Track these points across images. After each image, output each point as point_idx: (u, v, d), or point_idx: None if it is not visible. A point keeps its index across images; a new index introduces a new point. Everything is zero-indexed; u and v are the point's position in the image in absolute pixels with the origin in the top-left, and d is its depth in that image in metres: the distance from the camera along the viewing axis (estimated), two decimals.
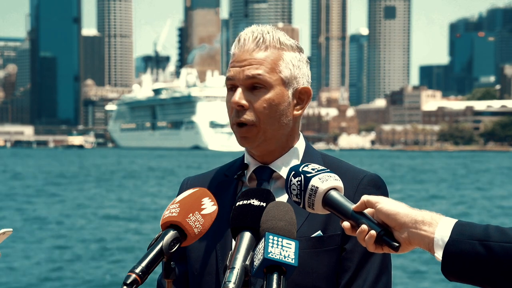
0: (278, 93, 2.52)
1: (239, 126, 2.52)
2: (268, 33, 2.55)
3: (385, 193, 2.55)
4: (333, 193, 2.14)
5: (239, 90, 2.50)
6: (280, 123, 2.54)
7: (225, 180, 2.64)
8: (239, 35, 2.56)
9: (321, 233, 2.48)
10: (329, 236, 2.49)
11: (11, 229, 2.33)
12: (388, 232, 2.08)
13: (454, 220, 2.05)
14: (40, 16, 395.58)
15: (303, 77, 2.58)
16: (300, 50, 2.59)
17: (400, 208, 2.08)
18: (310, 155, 2.62)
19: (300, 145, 2.64)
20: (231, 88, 2.54)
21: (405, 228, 2.06)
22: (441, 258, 2.02)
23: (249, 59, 2.51)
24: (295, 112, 2.57)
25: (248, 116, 2.51)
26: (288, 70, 2.54)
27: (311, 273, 2.45)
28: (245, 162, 2.64)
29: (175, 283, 2.56)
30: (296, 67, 2.56)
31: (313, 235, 2.48)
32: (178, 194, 2.61)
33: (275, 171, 2.58)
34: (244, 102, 2.50)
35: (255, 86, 2.51)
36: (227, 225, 2.49)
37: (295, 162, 2.59)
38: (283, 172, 2.57)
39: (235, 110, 2.52)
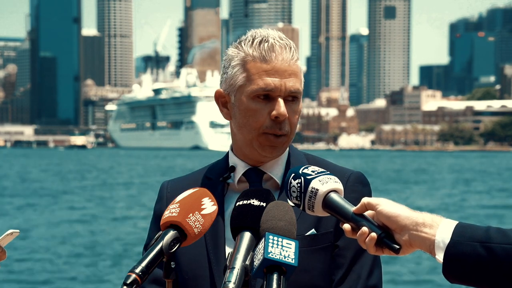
0: (301, 104, 2.54)
1: (275, 137, 2.50)
2: (290, 41, 2.52)
3: (370, 190, 2.58)
4: (333, 195, 2.14)
5: (282, 102, 2.47)
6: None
7: (208, 184, 2.59)
8: (264, 39, 2.49)
9: (315, 231, 2.50)
10: (322, 234, 2.50)
11: (18, 230, 2.34)
12: (388, 234, 2.08)
13: (455, 222, 2.05)
14: (40, 16, 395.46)
15: None
16: None
17: (400, 210, 2.07)
18: (294, 155, 2.63)
19: None
20: (262, 96, 2.49)
21: (406, 230, 2.06)
22: (442, 260, 2.02)
23: (289, 70, 2.47)
24: None
25: (286, 127, 2.50)
26: (303, 78, 2.55)
27: (308, 271, 2.47)
28: (231, 164, 2.61)
29: (160, 284, 2.54)
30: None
31: (307, 234, 2.49)
32: (158, 198, 2.67)
33: (266, 173, 2.59)
34: (287, 114, 2.49)
35: (291, 98, 2.50)
36: (219, 227, 2.52)
37: (282, 162, 2.60)
38: (273, 173, 2.58)
39: (274, 121, 2.49)
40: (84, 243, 27.09)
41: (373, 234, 2.07)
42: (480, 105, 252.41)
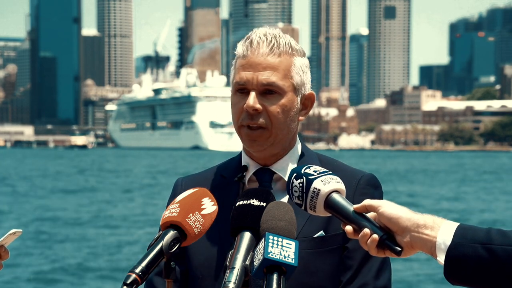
0: (290, 99, 2.53)
1: (250, 129, 2.53)
2: (280, 37, 2.53)
3: (381, 193, 2.59)
4: (335, 195, 2.13)
5: (253, 94, 2.50)
6: (289, 128, 2.55)
7: (224, 182, 2.62)
8: (249, 36, 2.55)
9: (323, 233, 2.50)
10: (331, 236, 2.50)
11: (21, 230, 2.34)
12: (390, 236, 2.07)
13: (456, 224, 2.04)
14: (40, 16, 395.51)
15: (309, 83, 2.61)
16: (305, 55, 2.61)
17: (402, 212, 2.07)
18: (307, 156, 2.64)
19: (297, 146, 2.65)
20: (240, 90, 2.54)
21: (407, 232, 2.05)
22: (443, 262, 2.01)
23: (264, 64, 2.50)
24: (300, 117, 2.60)
25: (262, 119, 2.51)
26: (299, 76, 2.54)
27: (315, 273, 2.47)
28: (244, 163, 2.63)
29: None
30: (305, 73, 2.57)
31: (315, 236, 2.49)
32: (172, 195, 2.65)
33: (276, 173, 2.59)
34: (258, 106, 2.49)
35: (269, 91, 2.51)
36: None
37: (293, 163, 2.61)
38: (284, 174, 2.58)
39: (247, 113, 2.52)
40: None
41: (375, 236, 2.05)
42: (480, 105, 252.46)
